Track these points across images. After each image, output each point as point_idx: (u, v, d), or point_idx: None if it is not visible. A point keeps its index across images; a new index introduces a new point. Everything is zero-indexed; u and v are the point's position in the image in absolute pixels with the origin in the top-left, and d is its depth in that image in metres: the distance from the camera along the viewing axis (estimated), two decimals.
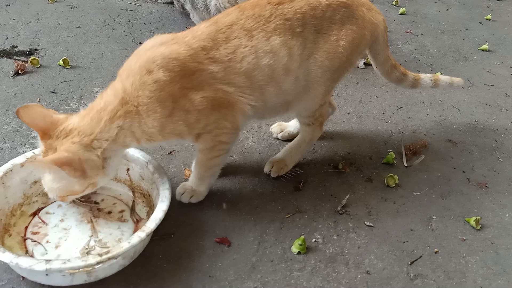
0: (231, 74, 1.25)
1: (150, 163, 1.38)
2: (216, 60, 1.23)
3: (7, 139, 1.65)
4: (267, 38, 1.28)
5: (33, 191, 1.37)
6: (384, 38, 1.55)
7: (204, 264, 1.26)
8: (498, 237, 1.43)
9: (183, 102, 1.20)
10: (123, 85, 1.19)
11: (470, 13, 3.24)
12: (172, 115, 1.20)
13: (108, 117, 1.17)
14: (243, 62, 1.25)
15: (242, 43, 1.26)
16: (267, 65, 1.28)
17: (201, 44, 1.23)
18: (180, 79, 1.19)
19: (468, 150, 1.81)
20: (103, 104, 1.19)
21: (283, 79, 1.32)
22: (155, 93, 1.17)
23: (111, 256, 1.10)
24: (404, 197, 1.55)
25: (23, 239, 1.25)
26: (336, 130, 1.86)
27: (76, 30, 2.45)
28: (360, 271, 1.28)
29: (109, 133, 1.18)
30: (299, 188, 1.54)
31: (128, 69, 1.21)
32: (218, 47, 1.24)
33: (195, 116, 1.23)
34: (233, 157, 1.66)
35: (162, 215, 1.23)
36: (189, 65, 1.21)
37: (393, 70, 1.68)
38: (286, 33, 1.30)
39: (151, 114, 1.18)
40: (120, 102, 1.18)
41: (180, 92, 1.20)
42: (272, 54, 1.28)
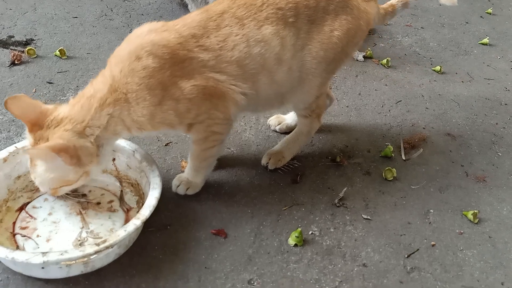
0: (222, 63, 1.23)
1: (136, 151, 1.37)
2: (207, 48, 1.22)
3: (2, 129, 1.63)
4: (258, 27, 1.26)
5: (18, 186, 1.35)
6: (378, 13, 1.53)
7: (200, 255, 1.25)
8: (496, 231, 1.42)
9: (173, 90, 1.19)
10: (111, 72, 1.18)
11: (471, 7, 3.22)
12: (162, 103, 1.19)
13: (97, 104, 1.16)
14: (235, 51, 1.23)
15: (233, 31, 1.24)
16: (259, 54, 1.26)
17: (191, 32, 1.22)
18: (170, 66, 1.18)
19: (467, 144, 1.80)
20: (93, 91, 1.18)
21: (276, 69, 1.30)
22: (144, 80, 1.16)
23: (108, 245, 1.10)
24: (402, 191, 1.54)
25: (12, 235, 1.24)
26: (335, 123, 1.85)
27: (73, 20, 2.43)
28: (357, 264, 1.28)
29: (100, 121, 1.17)
30: (296, 181, 1.53)
31: (117, 56, 1.20)
32: (209, 35, 1.23)
33: (186, 105, 1.21)
34: (230, 149, 1.65)
35: (156, 202, 1.22)
36: (179, 52, 1.19)
37: (385, 18, 1.63)
38: (279, 22, 1.28)
39: (140, 102, 1.17)
40: (109, 89, 1.16)
41: (170, 80, 1.18)
42: (264, 43, 1.26)
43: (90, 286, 1.15)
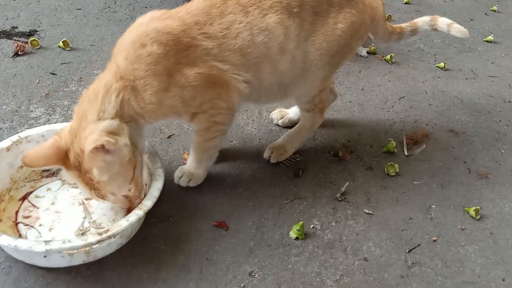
0: (225, 51, 1.23)
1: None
2: (210, 36, 1.21)
3: (6, 119, 1.64)
4: (263, 16, 1.26)
5: (20, 175, 1.35)
6: (384, 18, 1.55)
7: (202, 247, 1.26)
8: (498, 227, 1.42)
9: (178, 77, 1.19)
10: (116, 61, 1.17)
11: (475, 4, 3.21)
12: (168, 89, 1.18)
13: (104, 91, 1.14)
14: (238, 39, 1.23)
15: (237, 19, 1.24)
16: (262, 42, 1.26)
17: (194, 19, 1.21)
18: (175, 53, 1.18)
19: (470, 140, 1.80)
20: (99, 84, 1.17)
21: (279, 58, 1.30)
22: (151, 66, 1.15)
23: (111, 234, 1.10)
24: (404, 186, 1.54)
25: (14, 224, 1.24)
26: (337, 118, 1.85)
27: (77, 12, 2.43)
28: (358, 258, 1.28)
29: (112, 104, 1.14)
30: (298, 175, 1.53)
31: (120, 45, 1.20)
32: (212, 22, 1.22)
33: (190, 92, 1.21)
34: (232, 142, 1.65)
35: (158, 193, 1.23)
36: (183, 40, 1.19)
37: (391, 36, 1.66)
38: (283, 12, 1.28)
39: (148, 88, 1.16)
40: (114, 76, 1.16)
41: (175, 67, 1.18)
42: (268, 32, 1.26)
43: (92, 276, 1.15)
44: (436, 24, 1.70)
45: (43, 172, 1.39)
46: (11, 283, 1.12)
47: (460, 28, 1.69)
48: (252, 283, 1.18)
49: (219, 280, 1.18)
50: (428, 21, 1.70)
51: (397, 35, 1.67)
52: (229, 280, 1.18)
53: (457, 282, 1.24)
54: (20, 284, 1.12)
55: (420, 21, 1.70)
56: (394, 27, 1.66)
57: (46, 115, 1.68)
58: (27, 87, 1.82)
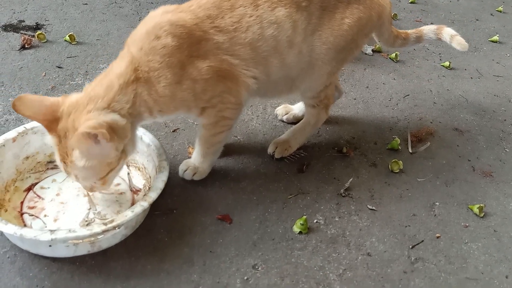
0: (236, 45, 1.24)
1: (145, 135, 1.38)
2: (222, 30, 1.22)
3: (12, 111, 1.64)
4: (272, 9, 1.26)
5: (26, 166, 1.35)
6: (389, 20, 1.56)
7: (206, 239, 1.26)
8: (501, 225, 1.42)
9: (191, 70, 1.19)
10: (130, 50, 1.18)
11: (481, 4, 3.20)
12: (181, 82, 1.19)
13: (121, 81, 1.14)
14: (248, 32, 1.24)
15: (247, 12, 1.24)
16: (272, 36, 1.26)
17: (206, 13, 1.22)
18: (188, 46, 1.18)
19: (474, 139, 1.80)
20: (110, 70, 1.17)
21: (287, 52, 1.30)
22: (165, 58, 1.16)
23: (116, 225, 1.11)
24: (407, 183, 1.54)
25: (20, 214, 1.25)
26: (342, 114, 1.85)
27: (83, 7, 2.44)
28: (361, 253, 1.28)
29: (127, 97, 1.14)
30: (302, 170, 1.54)
31: (134, 36, 1.20)
32: (223, 15, 1.23)
33: (202, 85, 1.22)
34: (237, 137, 1.66)
35: (163, 185, 1.23)
36: (196, 33, 1.20)
37: (396, 40, 1.68)
38: (292, 5, 1.28)
39: (161, 80, 1.16)
40: (129, 66, 1.16)
41: (188, 60, 1.19)
42: (277, 25, 1.27)
43: (96, 266, 1.16)
44: (441, 33, 1.73)
45: (49, 163, 1.40)
46: (16, 272, 1.13)
47: (461, 41, 1.72)
48: (255, 276, 1.18)
49: (222, 273, 1.18)
50: (434, 30, 1.73)
51: (402, 40, 1.68)
52: (232, 272, 1.19)
53: (460, 278, 1.24)
54: (25, 273, 1.13)
55: (426, 28, 1.73)
56: (400, 32, 1.68)
57: None
58: (34, 80, 1.83)
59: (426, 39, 1.74)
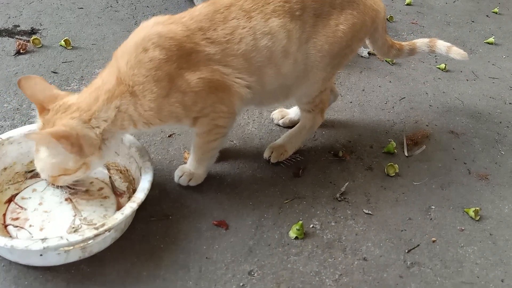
0: (228, 56, 1.23)
1: (124, 137, 1.38)
2: (214, 41, 1.22)
3: (7, 117, 1.64)
4: (265, 20, 1.26)
5: (4, 178, 1.34)
6: (383, 26, 1.56)
7: (201, 246, 1.26)
8: (497, 228, 1.42)
9: (180, 82, 1.19)
10: (118, 64, 1.18)
11: (477, 6, 3.20)
12: (169, 96, 1.19)
13: (105, 97, 1.16)
14: (241, 44, 1.24)
15: (240, 24, 1.24)
16: (266, 46, 1.26)
17: (198, 25, 1.22)
18: (177, 59, 1.18)
19: (470, 142, 1.80)
20: (101, 83, 1.18)
21: (282, 62, 1.30)
22: (151, 71, 1.16)
23: (107, 228, 1.11)
24: (403, 186, 1.54)
25: (3, 226, 1.23)
26: (338, 118, 1.85)
27: (79, 11, 2.43)
28: (357, 258, 1.28)
29: (107, 114, 1.17)
30: (298, 175, 1.54)
31: (123, 48, 1.20)
32: (216, 27, 1.23)
33: (192, 98, 1.21)
34: (233, 142, 1.66)
35: (149, 185, 1.24)
36: (186, 45, 1.19)
37: (390, 50, 1.69)
38: (285, 15, 1.28)
39: (147, 94, 1.17)
40: (116, 81, 1.17)
41: (177, 72, 1.18)
42: (271, 36, 1.26)
43: (91, 273, 1.16)
44: (435, 46, 1.75)
45: (27, 173, 1.38)
46: (10, 281, 1.12)
47: (459, 51, 1.74)
48: (251, 282, 1.18)
49: (218, 279, 1.18)
50: (427, 43, 1.75)
51: (396, 50, 1.70)
52: (228, 279, 1.18)
53: (456, 282, 1.24)
54: (20, 281, 1.12)
55: (419, 41, 1.75)
56: (394, 42, 1.69)
57: None
58: None
59: (419, 52, 1.76)
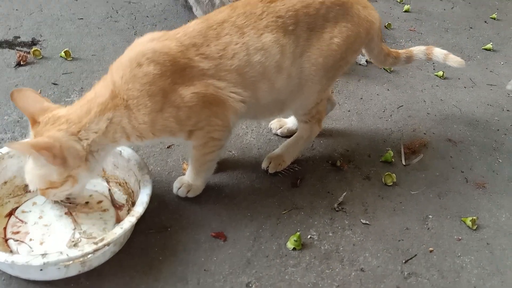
0: (222, 71, 1.25)
1: (124, 151, 1.39)
2: (207, 57, 1.23)
3: (7, 130, 1.66)
4: (258, 35, 1.28)
5: (4, 192, 1.35)
6: (379, 35, 1.56)
7: (200, 257, 1.27)
8: (494, 237, 1.43)
9: (174, 97, 1.20)
10: (112, 78, 1.19)
11: (475, 12, 3.22)
12: (163, 110, 1.20)
13: (98, 109, 1.17)
14: (234, 59, 1.25)
15: (233, 40, 1.26)
16: (259, 62, 1.27)
17: (192, 41, 1.24)
18: (171, 74, 1.20)
19: (467, 150, 1.81)
20: (94, 96, 1.20)
21: (276, 77, 1.32)
22: (145, 86, 1.17)
23: (107, 243, 1.12)
24: (401, 196, 1.55)
25: (4, 240, 1.24)
26: (336, 127, 1.86)
27: (79, 22, 2.45)
28: (354, 268, 1.29)
29: (98, 126, 1.17)
30: (296, 185, 1.55)
31: (118, 63, 1.22)
32: (209, 43, 1.24)
33: (186, 113, 1.23)
34: (231, 152, 1.67)
35: (148, 198, 1.25)
36: (180, 60, 1.21)
37: (386, 59, 1.70)
38: (278, 30, 1.30)
39: (141, 108, 1.18)
40: (110, 95, 1.18)
41: (171, 88, 1.20)
42: (264, 51, 1.28)
43: (90, 286, 1.17)
44: (431, 53, 1.76)
45: (27, 187, 1.37)
46: None
47: (456, 59, 1.75)
48: None
49: None
50: (424, 50, 1.76)
51: (392, 59, 1.71)
52: None
53: None
54: None
55: (416, 49, 1.76)
56: (391, 51, 1.70)
57: None
58: None
59: (416, 60, 1.77)
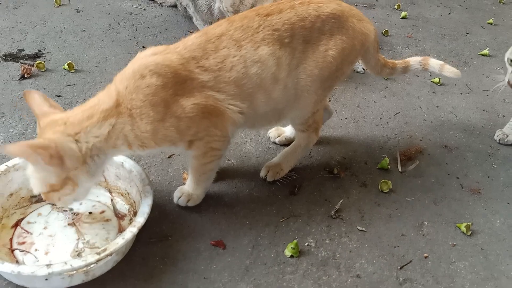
0: (220, 83, 1.29)
1: (125, 162, 1.43)
2: (207, 69, 1.28)
3: (12, 142, 1.70)
4: (255, 48, 1.32)
5: (10, 203, 1.39)
6: (375, 47, 1.60)
7: (200, 266, 1.31)
8: (488, 243, 1.46)
9: (175, 108, 1.25)
10: (117, 88, 1.24)
11: (472, 17, 3.26)
12: (164, 120, 1.24)
13: (101, 115, 1.20)
14: (232, 71, 1.30)
15: (231, 53, 1.30)
16: (256, 74, 1.32)
17: (192, 54, 1.29)
18: (173, 85, 1.24)
19: (463, 156, 1.84)
20: (97, 102, 1.23)
21: (272, 88, 1.36)
22: (148, 97, 1.22)
23: (109, 253, 1.16)
24: (397, 202, 1.58)
25: (10, 251, 1.28)
26: (333, 135, 1.90)
27: (82, 34, 2.51)
28: (351, 275, 1.32)
29: (100, 130, 1.20)
30: (294, 193, 1.58)
31: (122, 75, 1.26)
32: (208, 56, 1.29)
33: (186, 123, 1.27)
34: (231, 161, 1.71)
35: (149, 209, 1.29)
36: (181, 73, 1.26)
37: (383, 69, 1.74)
38: (275, 43, 1.34)
39: (144, 117, 1.22)
40: (114, 103, 1.22)
41: (172, 98, 1.24)
42: (261, 63, 1.32)
43: None
44: (427, 64, 1.80)
45: (32, 198, 1.43)
46: None
47: (452, 69, 1.79)
48: None
49: None
50: (420, 61, 1.79)
51: (389, 69, 1.74)
52: None
53: None
54: None
55: (412, 60, 1.80)
56: (387, 61, 1.74)
57: None
58: None
59: (412, 70, 1.81)
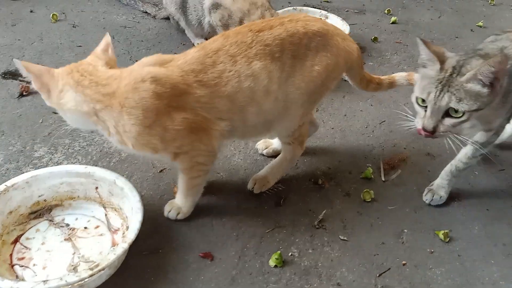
0: (215, 98, 1.37)
1: (118, 179, 1.51)
2: (204, 84, 1.35)
3: (12, 160, 1.79)
4: (249, 63, 1.39)
5: (10, 220, 1.47)
6: (359, 64, 1.65)
7: (188, 277, 1.38)
8: (466, 249, 1.52)
9: (165, 118, 1.32)
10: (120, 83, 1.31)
11: (462, 20, 3.30)
12: (151, 127, 1.32)
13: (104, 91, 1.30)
14: (228, 86, 1.37)
15: (227, 68, 1.38)
16: (248, 87, 1.39)
17: (191, 67, 1.36)
18: (168, 96, 1.31)
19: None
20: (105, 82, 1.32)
21: (264, 100, 1.43)
22: (143, 100, 1.29)
23: (101, 268, 1.24)
24: (379, 211, 1.65)
25: (10, 266, 1.35)
26: (319, 145, 1.96)
27: (78, 49, 2.59)
28: (332, 283, 1.39)
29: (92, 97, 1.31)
30: (280, 204, 1.65)
31: (128, 72, 1.34)
32: (206, 71, 1.37)
33: (172, 135, 1.34)
34: (219, 174, 1.78)
35: (139, 225, 1.36)
36: (179, 86, 1.33)
37: (369, 84, 1.78)
38: (266, 58, 1.41)
39: (132, 118, 1.29)
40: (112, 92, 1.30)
41: (165, 109, 1.32)
42: (253, 77, 1.39)
43: None
44: (412, 79, 1.83)
45: (30, 214, 1.52)
46: None
47: None
48: None
49: None
50: (405, 76, 1.82)
51: (375, 85, 1.78)
52: None
53: None
54: None
55: (398, 75, 1.83)
56: (373, 77, 1.77)
57: (48, 154, 1.83)
58: (32, 127, 1.98)
59: (398, 85, 1.84)
